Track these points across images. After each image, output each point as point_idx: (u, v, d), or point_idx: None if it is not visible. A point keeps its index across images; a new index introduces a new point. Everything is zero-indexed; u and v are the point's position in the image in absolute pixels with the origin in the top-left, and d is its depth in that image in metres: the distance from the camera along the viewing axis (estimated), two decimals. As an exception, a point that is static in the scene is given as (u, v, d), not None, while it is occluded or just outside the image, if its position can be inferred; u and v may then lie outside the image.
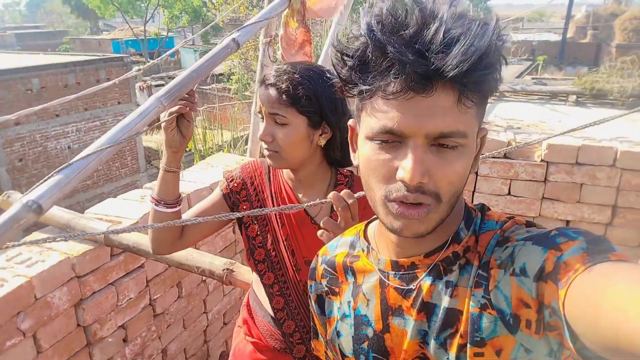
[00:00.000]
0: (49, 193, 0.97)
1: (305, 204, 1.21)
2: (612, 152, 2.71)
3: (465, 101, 0.62)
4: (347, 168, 1.46)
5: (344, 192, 1.12)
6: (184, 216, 1.42)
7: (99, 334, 2.15)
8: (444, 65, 0.58)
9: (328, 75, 1.21)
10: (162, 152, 1.33)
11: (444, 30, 0.59)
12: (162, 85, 19.54)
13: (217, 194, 1.44)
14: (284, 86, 1.25)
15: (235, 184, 1.42)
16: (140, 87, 18.10)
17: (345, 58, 0.66)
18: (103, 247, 2.11)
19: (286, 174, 1.40)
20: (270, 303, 1.42)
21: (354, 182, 1.41)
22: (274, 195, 1.40)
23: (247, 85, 11.96)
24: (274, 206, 1.38)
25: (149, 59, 25.14)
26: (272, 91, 1.26)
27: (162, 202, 1.34)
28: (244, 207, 1.40)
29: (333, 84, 0.72)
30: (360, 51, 0.64)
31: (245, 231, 1.42)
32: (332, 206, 1.33)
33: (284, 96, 1.25)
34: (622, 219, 2.77)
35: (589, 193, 2.79)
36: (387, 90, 0.63)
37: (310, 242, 1.35)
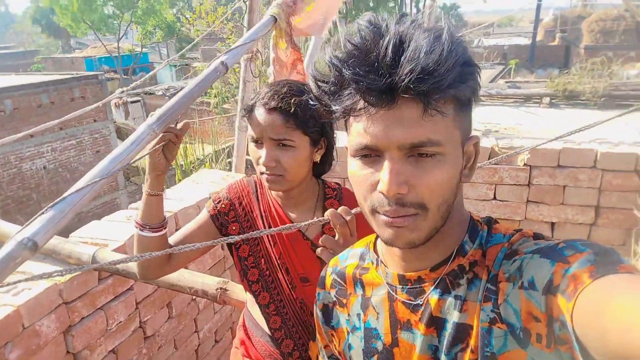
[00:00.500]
0: (44, 229, 0.94)
1: (303, 223, 1.20)
2: (592, 154, 2.77)
3: (431, 111, 0.63)
4: (334, 180, 1.46)
5: (342, 209, 1.12)
6: (171, 239, 1.38)
7: (90, 360, 2.10)
8: (395, 77, 0.61)
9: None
10: (144, 176, 1.30)
11: (393, 45, 0.62)
12: (138, 101, 19.31)
13: (204, 215, 1.41)
14: (292, 110, 1.21)
15: (223, 205, 1.39)
16: (115, 103, 17.88)
17: (319, 84, 0.71)
18: (90, 271, 2.06)
19: (275, 192, 1.38)
20: (267, 323, 1.40)
21: (342, 195, 1.40)
22: (263, 214, 1.38)
23: (226, 99, 11.92)
24: (264, 225, 1.36)
25: (123, 75, 24.88)
26: (277, 115, 1.22)
27: (148, 227, 1.29)
28: (233, 228, 1.38)
29: None
30: (329, 77, 0.69)
31: (236, 252, 1.39)
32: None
33: (291, 120, 1.22)
34: (605, 219, 2.83)
35: (572, 195, 2.84)
36: (355, 109, 0.67)
37: (304, 259, 1.34)
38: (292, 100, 1.21)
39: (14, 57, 39.07)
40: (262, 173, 1.27)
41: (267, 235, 1.36)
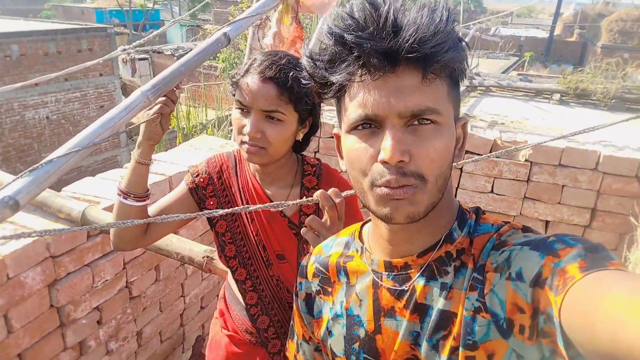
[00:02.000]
0: (26, 189, 0.93)
1: (290, 202, 1.17)
2: (595, 155, 2.73)
3: (430, 76, 0.66)
4: (313, 157, 1.44)
5: (331, 191, 1.09)
6: (149, 210, 1.35)
7: (73, 315, 2.11)
8: (398, 40, 0.63)
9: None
10: (136, 144, 1.27)
11: (393, 11, 0.64)
12: (146, 59, 19.13)
13: (182, 188, 1.38)
14: (289, 83, 1.17)
15: (202, 179, 1.36)
16: (123, 59, 17.73)
17: (316, 61, 0.71)
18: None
19: (253, 167, 1.35)
20: (243, 299, 1.39)
21: (322, 171, 1.37)
22: (241, 190, 1.35)
23: (234, 65, 11.79)
24: (242, 201, 1.34)
25: (133, 31, 24.58)
26: (271, 86, 1.18)
27: (132, 195, 1.27)
28: (211, 203, 1.36)
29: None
30: (326, 50, 0.69)
31: (214, 228, 1.38)
32: (300, 198, 1.31)
33: (286, 93, 1.18)
34: (600, 222, 2.81)
35: (570, 195, 2.82)
36: (355, 75, 0.67)
37: (280, 236, 1.33)
38: (291, 74, 1.17)
39: (24, 2, 38.56)
40: (242, 143, 1.22)
41: (245, 212, 1.34)
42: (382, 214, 0.70)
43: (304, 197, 1.30)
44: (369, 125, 0.68)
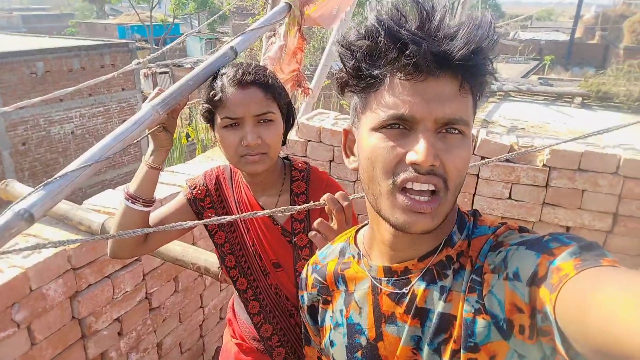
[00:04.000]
0: (41, 202, 0.96)
1: (299, 207, 1.16)
2: (615, 159, 2.68)
3: (466, 87, 0.67)
4: (301, 160, 1.43)
5: (339, 194, 1.09)
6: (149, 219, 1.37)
7: (94, 326, 2.15)
8: (452, 46, 0.63)
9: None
10: (149, 150, 1.30)
11: (448, 17, 0.65)
12: (167, 72, 19.43)
13: (180, 199, 1.40)
14: (269, 82, 1.21)
15: (199, 191, 1.38)
16: (145, 74, 18.06)
17: (354, 50, 0.69)
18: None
19: (244, 177, 1.36)
20: (245, 308, 1.41)
21: (310, 176, 1.36)
22: (236, 200, 1.37)
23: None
24: (237, 212, 1.35)
25: (154, 45, 25.06)
26: (255, 89, 1.21)
27: (141, 200, 1.28)
28: (209, 215, 1.38)
29: None
30: (369, 41, 0.67)
31: (212, 239, 1.40)
32: (290, 204, 1.31)
33: (269, 92, 1.22)
34: (622, 227, 2.75)
35: (591, 200, 2.76)
36: (401, 72, 0.66)
37: (275, 244, 1.34)
38: (266, 73, 1.21)
39: (50, 19, 39.71)
40: (242, 156, 1.23)
41: (241, 222, 1.36)
42: (397, 222, 0.69)
43: (294, 204, 1.31)
44: (399, 126, 0.68)
